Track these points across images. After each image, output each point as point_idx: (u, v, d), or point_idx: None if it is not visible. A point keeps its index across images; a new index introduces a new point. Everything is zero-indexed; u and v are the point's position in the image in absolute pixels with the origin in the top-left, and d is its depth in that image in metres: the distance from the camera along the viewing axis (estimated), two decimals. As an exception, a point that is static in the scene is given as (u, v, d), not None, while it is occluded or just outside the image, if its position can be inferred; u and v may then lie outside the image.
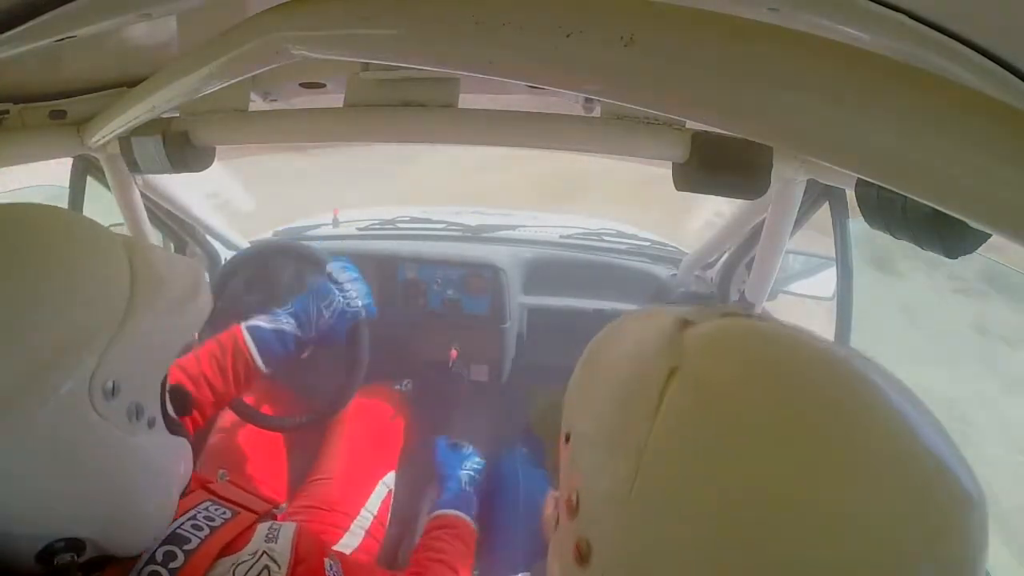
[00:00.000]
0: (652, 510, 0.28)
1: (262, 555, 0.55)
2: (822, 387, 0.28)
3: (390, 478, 1.14)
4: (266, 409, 1.16)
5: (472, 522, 0.93)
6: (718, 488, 0.27)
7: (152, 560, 0.51)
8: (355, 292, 1.04)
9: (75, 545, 0.46)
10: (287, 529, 0.60)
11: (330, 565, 0.60)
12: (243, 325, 0.96)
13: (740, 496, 0.26)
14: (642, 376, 0.31)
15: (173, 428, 0.55)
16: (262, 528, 0.59)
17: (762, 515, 0.26)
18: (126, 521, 0.49)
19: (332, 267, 1.06)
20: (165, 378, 0.55)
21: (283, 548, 0.57)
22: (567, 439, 0.36)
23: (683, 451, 0.28)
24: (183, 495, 0.59)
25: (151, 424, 0.51)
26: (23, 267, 0.44)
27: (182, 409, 0.60)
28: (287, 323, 0.98)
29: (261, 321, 0.97)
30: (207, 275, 1.29)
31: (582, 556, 0.31)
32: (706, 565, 0.27)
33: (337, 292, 1.02)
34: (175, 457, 0.56)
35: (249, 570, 0.53)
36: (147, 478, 0.50)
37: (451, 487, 0.99)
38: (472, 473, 1.03)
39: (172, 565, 0.51)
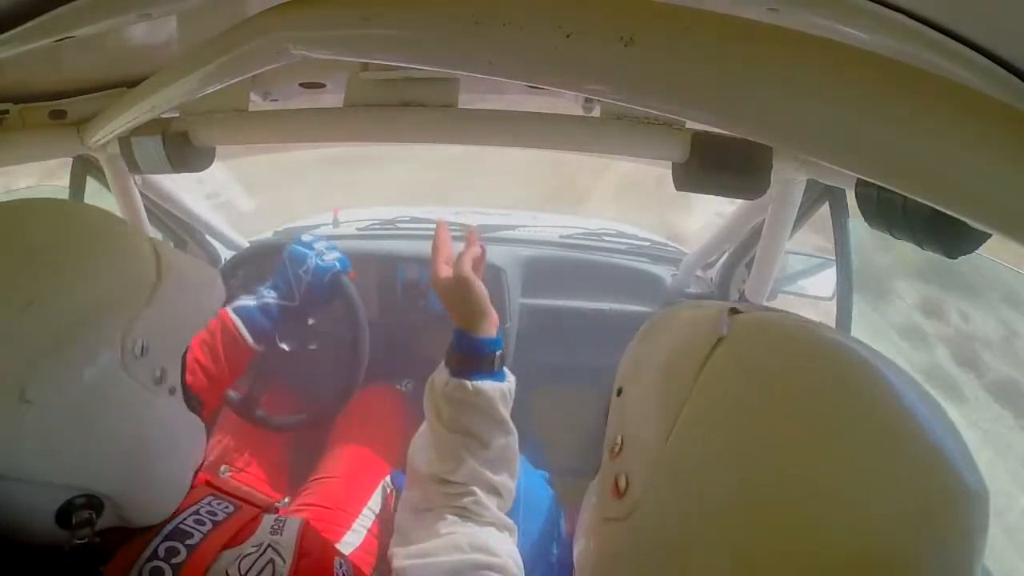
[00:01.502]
0: (684, 453, 0.33)
1: (267, 548, 0.55)
2: (848, 376, 0.32)
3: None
4: (266, 409, 1.17)
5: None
6: (741, 446, 0.31)
7: (154, 556, 0.51)
8: (326, 251, 1.08)
9: (94, 504, 0.47)
10: (292, 524, 0.60)
11: (340, 564, 0.60)
12: (228, 307, 1.00)
13: (758, 454, 0.31)
14: (692, 342, 0.36)
15: (191, 404, 0.57)
16: (267, 520, 0.59)
17: (771, 477, 0.30)
18: (144, 482, 0.51)
19: (304, 236, 1.11)
20: (185, 354, 0.57)
21: (288, 541, 0.57)
22: (619, 393, 0.41)
23: (716, 408, 0.33)
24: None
25: (172, 392, 0.54)
26: (68, 242, 0.49)
27: (195, 406, 0.61)
28: (270, 296, 1.03)
29: (245, 300, 1.02)
30: None
31: (619, 489, 0.36)
32: (721, 504, 0.31)
33: (310, 253, 1.06)
34: (191, 431, 0.58)
35: (255, 563, 0.53)
36: (166, 442, 0.53)
37: None
38: None
39: (175, 560, 0.51)
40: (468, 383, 0.68)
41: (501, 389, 0.71)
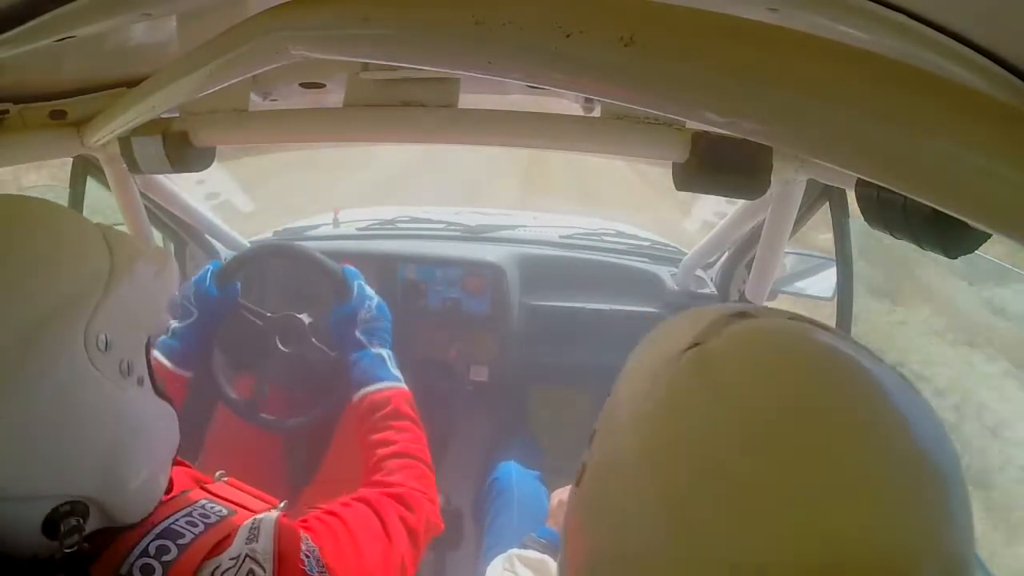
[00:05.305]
0: (631, 449, 0.32)
1: (244, 559, 0.54)
2: (828, 392, 0.29)
3: None
4: (266, 409, 1.17)
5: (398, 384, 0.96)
6: (689, 452, 0.29)
7: (145, 553, 0.51)
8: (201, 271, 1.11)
9: (79, 509, 0.47)
10: (268, 524, 0.58)
11: (306, 556, 0.59)
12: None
13: (704, 464, 0.29)
14: (672, 343, 0.35)
15: (159, 392, 0.56)
16: (243, 528, 0.57)
17: (713, 486, 0.28)
18: (125, 478, 0.50)
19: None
20: (148, 344, 0.56)
21: (265, 547, 0.56)
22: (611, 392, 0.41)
23: (673, 410, 0.32)
24: (177, 493, 0.58)
25: (140, 382, 0.53)
26: (15, 243, 0.47)
27: (163, 392, 0.61)
28: (173, 323, 1.05)
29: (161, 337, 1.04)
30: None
31: (578, 478, 0.36)
32: (646, 500, 0.30)
33: (188, 283, 1.09)
34: (165, 419, 0.57)
35: None
36: (142, 434, 0.52)
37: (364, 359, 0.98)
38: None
39: (165, 559, 0.51)
40: None
41: None
